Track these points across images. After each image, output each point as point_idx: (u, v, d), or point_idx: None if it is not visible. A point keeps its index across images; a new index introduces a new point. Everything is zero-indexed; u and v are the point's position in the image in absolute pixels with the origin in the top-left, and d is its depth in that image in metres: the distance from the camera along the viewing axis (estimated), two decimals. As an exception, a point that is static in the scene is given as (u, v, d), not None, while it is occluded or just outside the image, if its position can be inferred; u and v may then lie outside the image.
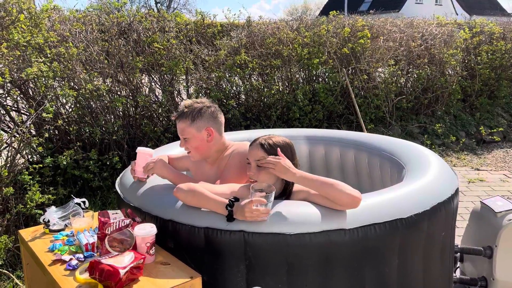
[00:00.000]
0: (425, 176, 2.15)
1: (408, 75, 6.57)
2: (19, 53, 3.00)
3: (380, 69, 6.26)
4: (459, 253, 2.60)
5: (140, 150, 2.11)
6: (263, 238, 1.70)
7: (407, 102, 6.24)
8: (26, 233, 2.04)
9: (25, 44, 3.01)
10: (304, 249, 1.71)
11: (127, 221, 1.75)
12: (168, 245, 1.88)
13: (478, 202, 2.65)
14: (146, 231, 1.69)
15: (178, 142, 3.01)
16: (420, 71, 6.32)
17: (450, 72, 6.87)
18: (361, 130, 5.28)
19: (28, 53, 3.14)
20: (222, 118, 2.16)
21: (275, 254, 1.71)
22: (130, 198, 2.09)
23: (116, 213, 1.82)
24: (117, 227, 1.72)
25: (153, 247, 1.72)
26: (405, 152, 2.61)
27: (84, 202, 2.18)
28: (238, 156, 2.10)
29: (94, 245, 1.79)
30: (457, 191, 2.14)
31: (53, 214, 2.06)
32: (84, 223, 1.94)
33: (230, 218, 1.72)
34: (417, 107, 6.55)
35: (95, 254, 1.76)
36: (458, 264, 2.72)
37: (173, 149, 2.74)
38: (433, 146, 5.97)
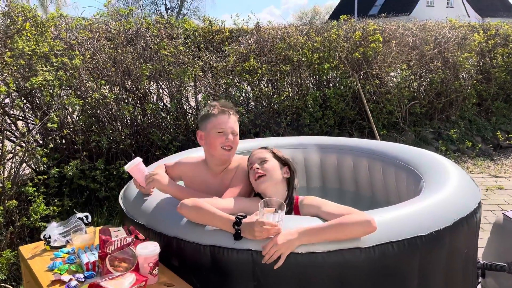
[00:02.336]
0: (445, 188, 2.03)
1: (421, 79, 6.42)
2: (24, 62, 2.95)
3: (392, 74, 6.12)
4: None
5: (129, 167, 1.98)
6: (273, 258, 1.59)
7: (420, 107, 6.09)
8: (26, 250, 1.97)
9: (30, 53, 2.96)
10: (316, 269, 1.60)
11: (129, 239, 1.66)
12: (172, 263, 1.78)
13: (500, 214, 2.51)
14: (148, 251, 1.60)
15: (184, 152, 2.92)
16: (434, 75, 6.17)
17: (464, 76, 6.70)
18: (374, 136, 5.14)
19: (34, 62, 3.09)
20: None
21: (285, 275, 1.60)
22: (134, 213, 2.00)
23: (118, 230, 1.73)
24: (118, 246, 1.63)
25: (157, 267, 1.63)
26: (422, 161, 2.48)
27: (87, 217, 2.10)
28: (245, 171, 2.01)
29: (95, 264, 1.71)
30: (479, 204, 2.01)
31: (54, 229, 1.98)
32: (85, 240, 1.86)
33: (237, 236, 1.63)
34: (430, 112, 6.39)
35: (95, 274, 1.67)
36: (480, 279, 2.58)
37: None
38: (448, 152, 5.80)
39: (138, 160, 1.98)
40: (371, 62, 5.51)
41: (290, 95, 5.18)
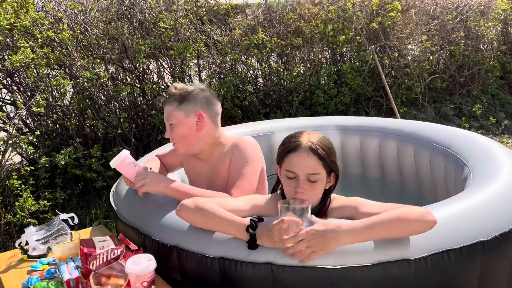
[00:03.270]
0: (500, 177, 1.68)
1: (442, 51, 5.96)
2: (1, 38, 2.60)
3: (409, 46, 5.68)
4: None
5: (116, 163, 1.63)
6: (298, 273, 1.27)
7: (441, 81, 5.66)
8: (0, 259, 1.66)
9: (8, 27, 2.60)
10: (352, 286, 1.28)
11: (118, 251, 1.34)
12: (173, 278, 1.47)
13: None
14: (141, 267, 1.28)
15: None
16: (455, 46, 5.71)
17: (487, 47, 6.22)
18: (393, 114, 4.76)
19: (15, 38, 2.73)
20: (219, 107, 1.77)
21: (314, 295, 1.28)
22: (126, 215, 1.68)
23: (104, 240, 1.41)
24: (104, 260, 1.31)
25: (152, 286, 1.31)
26: (464, 144, 2.13)
27: (72, 218, 1.79)
28: (244, 155, 1.69)
29: (79, 280, 1.39)
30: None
31: (32, 235, 1.67)
32: (68, 249, 1.53)
33: (252, 244, 1.30)
34: (451, 86, 5.96)
35: (79, 293, 1.36)
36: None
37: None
38: (472, 130, 5.40)
39: (125, 153, 1.63)
40: (389, 33, 5.07)
41: (302, 71, 4.78)
